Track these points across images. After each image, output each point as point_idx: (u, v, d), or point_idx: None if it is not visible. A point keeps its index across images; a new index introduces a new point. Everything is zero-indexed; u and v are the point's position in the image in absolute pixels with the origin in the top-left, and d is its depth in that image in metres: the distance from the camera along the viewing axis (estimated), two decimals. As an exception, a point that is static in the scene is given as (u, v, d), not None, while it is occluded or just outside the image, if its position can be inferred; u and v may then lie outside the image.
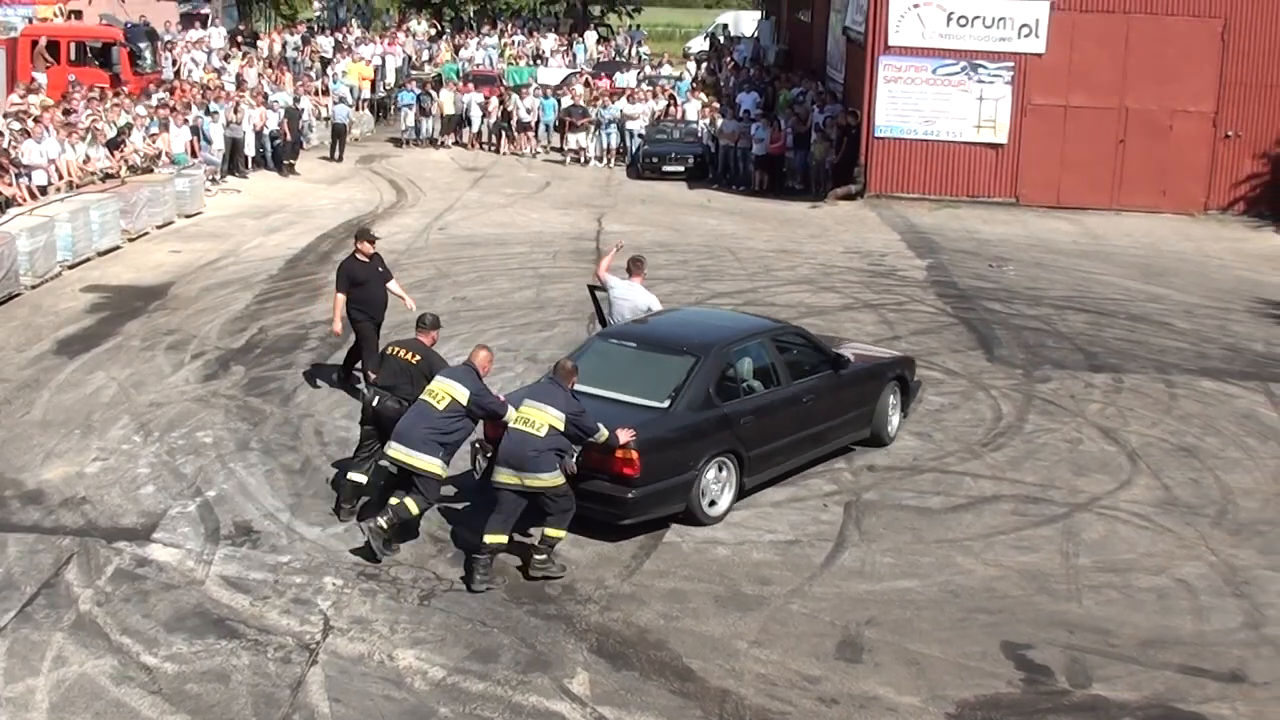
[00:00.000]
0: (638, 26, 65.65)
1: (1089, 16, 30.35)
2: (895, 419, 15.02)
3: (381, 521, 11.54)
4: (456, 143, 38.64)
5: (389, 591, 11.03)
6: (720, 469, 12.59)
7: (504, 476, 11.32)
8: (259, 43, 46.62)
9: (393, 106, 41.80)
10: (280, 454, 14.07)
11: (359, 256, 15.59)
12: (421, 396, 11.79)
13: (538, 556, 11.38)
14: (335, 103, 37.00)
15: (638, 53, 56.77)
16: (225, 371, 16.91)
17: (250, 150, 32.29)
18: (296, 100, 35.87)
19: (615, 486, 11.79)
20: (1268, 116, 30.46)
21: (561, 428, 11.29)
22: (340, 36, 48.21)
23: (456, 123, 38.74)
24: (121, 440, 14.39)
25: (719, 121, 35.61)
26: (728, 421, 12.63)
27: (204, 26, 47.20)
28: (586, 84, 40.07)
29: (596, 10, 68.97)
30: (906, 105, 31.05)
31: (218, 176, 30.52)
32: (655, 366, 12.80)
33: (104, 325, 19.06)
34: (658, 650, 10.22)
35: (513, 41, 52.62)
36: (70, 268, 22.19)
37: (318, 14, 60.41)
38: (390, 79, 44.63)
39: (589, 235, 26.59)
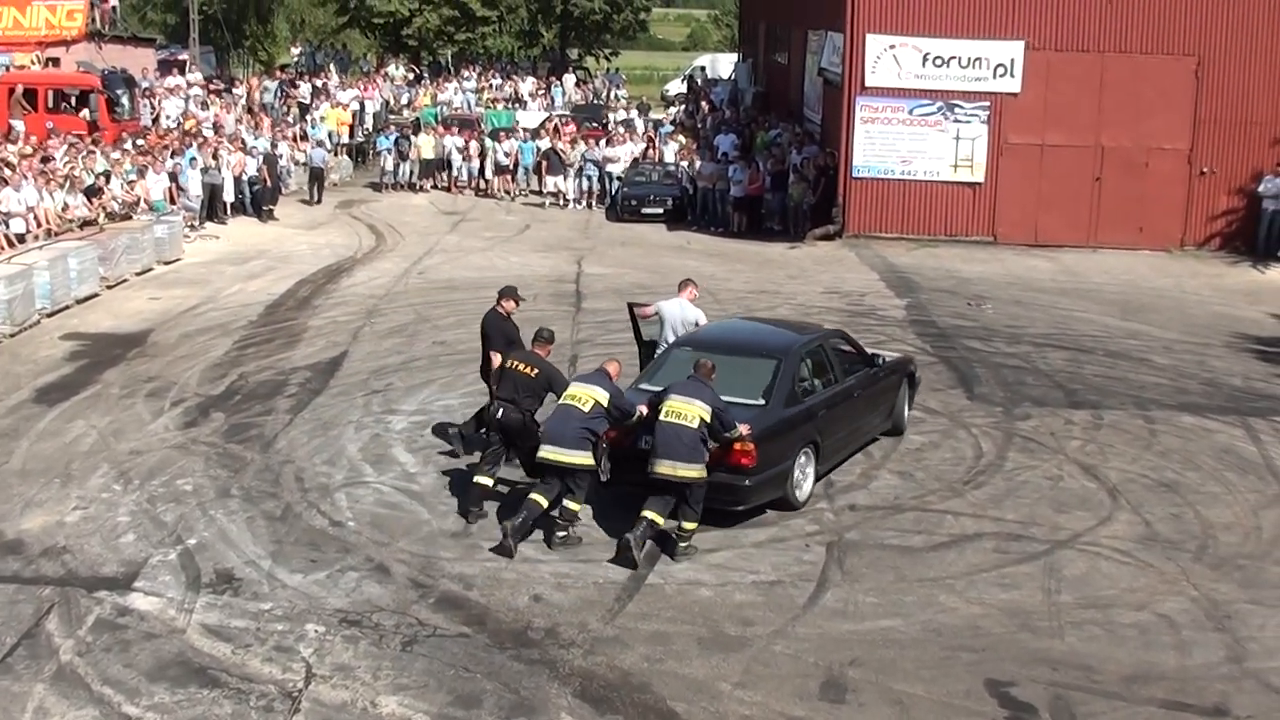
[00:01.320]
0: (616, 69, 65.96)
1: (1064, 56, 30.62)
2: (906, 410, 16.71)
3: (518, 521, 12.72)
4: (435, 186, 38.78)
5: (371, 638, 11.02)
6: (805, 457, 14.01)
7: (662, 468, 12.62)
8: (236, 89, 46.77)
9: (371, 151, 41.92)
10: (261, 501, 14.06)
11: (501, 311, 15.40)
12: (564, 401, 13.09)
13: (681, 544, 12.74)
14: (313, 146, 37.12)
15: (616, 95, 57.04)
16: (205, 418, 16.91)
17: (229, 196, 32.36)
18: (274, 146, 35.97)
19: (733, 476, 13.12)
20: (1242, 153, 30.70)
21: (710, 420, 12.67)
22: (318, 82, 48.39)
23: (436, 166, 38.88)
24: (101, 489, 14.37)
25: (697, 163, 35.81)
26: (809, 415, 14.19)
27: (182, 73, 47.34)
28: (555, 130, 40.23)
29: (574, 53, 69.33)
30: (884, 145, 31.23)
31: (196, 223, 30.57)
32: (740, 369, 14.01)
33: (83, 373, 19.05)
34: (641, 693, 10.22)
35: (490, 85, 52.87)
36: (49, 315, 22.19)
37: (295, 60, 60.60)
38: (369, 123, 44.78)
39: (569, 278, 26.67)
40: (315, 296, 24.52)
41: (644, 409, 13.18)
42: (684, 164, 36.65)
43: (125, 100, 37.25)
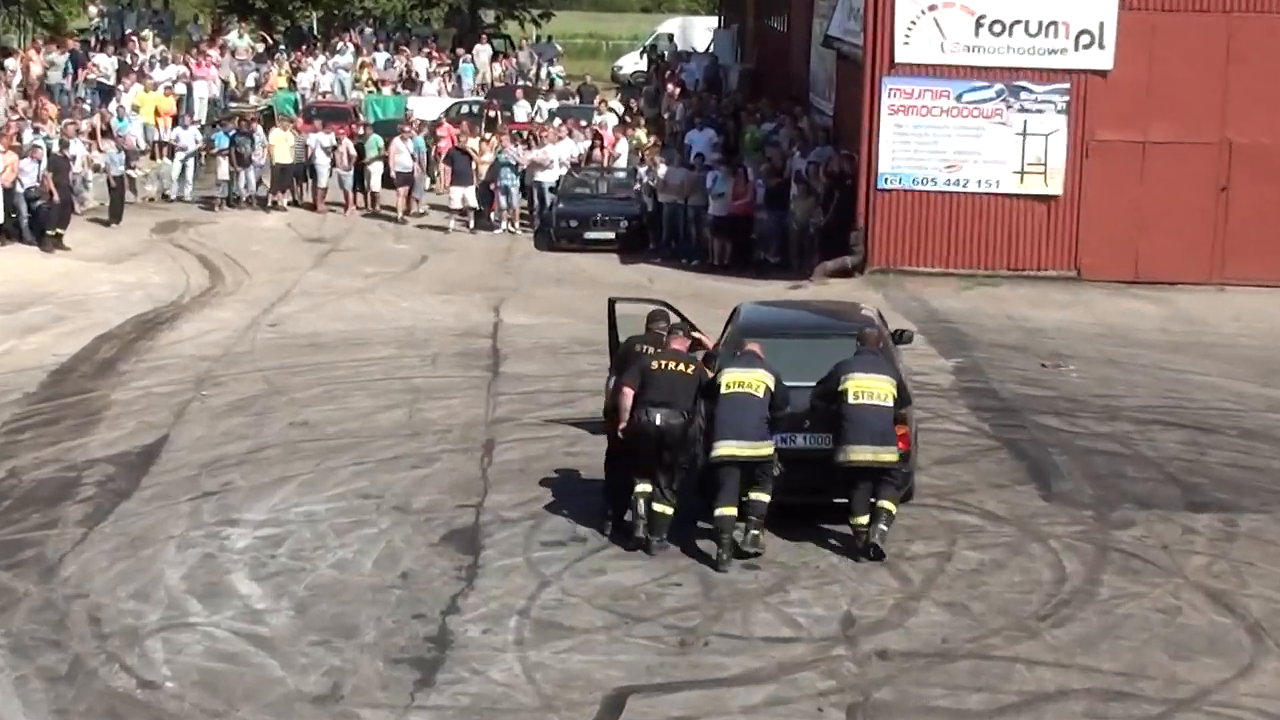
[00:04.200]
0: (548, 39, 66.30)
1: (1174, 18, 30.89)
2: None
3: (726, 543, 15.65)
4: (295, 202, 38.74)
5: None
6: None
7: (861, 455, 15.69)
8: (7, 64, 46.63)
9: (204, 153, 41.88)
10: (38, 653, 13.82)
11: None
12: (735, 391, 15.81)
13: (881, 527, 15.76)
14: (117, 149, 36.96)
15: (548, 74, 57.31)
16: (-42, 534, 16.72)
17: (-1, 215, 32.21)
18: (64, 145, 35.80)
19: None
20: None
21: (896, 394, 15.86)
22: (128, 55, 48.39)
23: (295, 175, 38.85)
24: None
25: (661, 169, 35.83)
26: None
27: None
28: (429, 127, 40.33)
29: (490, 17, 69.61)
30: (921, 145, 31.41)
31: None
32: (827, 351, 16.94)
33: None
34: None
35: (372, 61, 53.04)
36: None
37: (94, 24, 60.62)
38: (200, 114, 44.74)
39: (482, 330, 26.66)
40: (122, 358, 24.38)
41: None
42: (643, 171, 36.72)
43: None
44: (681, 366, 16.17)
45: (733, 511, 15.55)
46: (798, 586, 15.24)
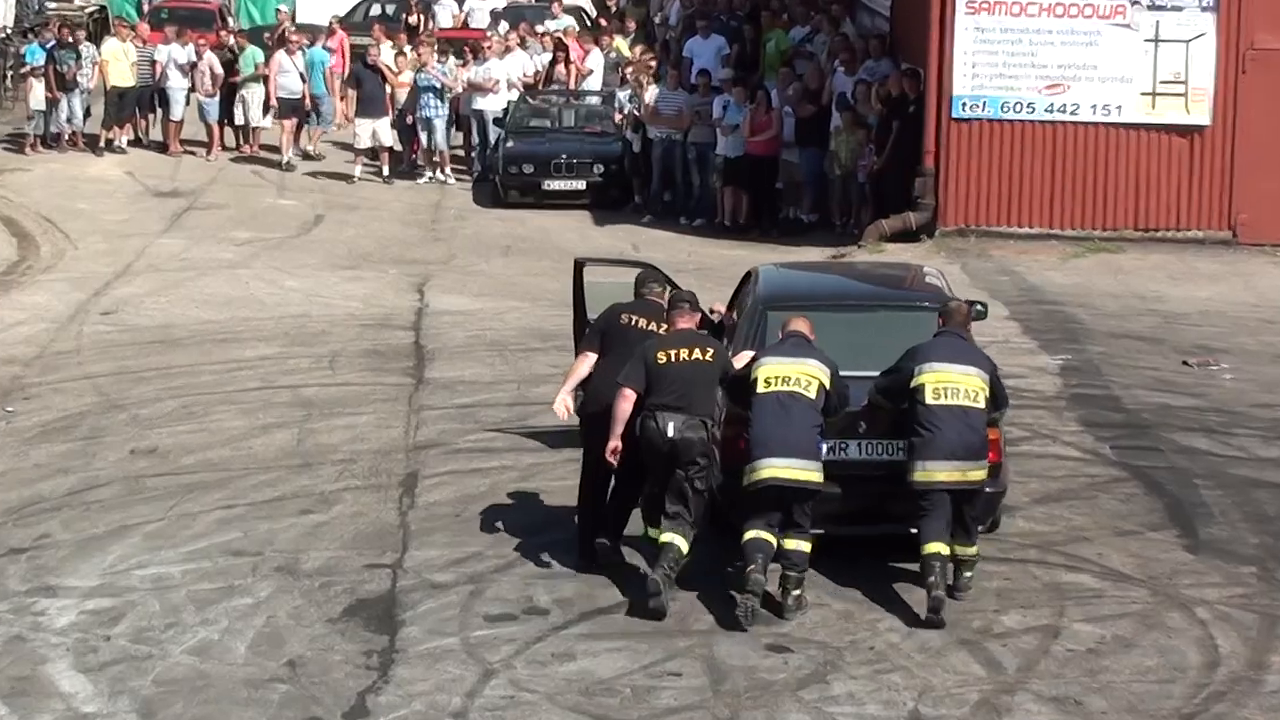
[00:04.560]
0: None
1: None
2: None
3: (751, 575, 15.85)
4: (139, 140, 38.69)
5: None
6: None
7: (946, 473, 16.21)
8: None
9: (11, 73, 41.83)
10: None
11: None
12: (779, 390, 16.21)
13: (965, 574, 16.71)
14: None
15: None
16: None
17: None
18: None
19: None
20: None
21: (989, 392, 16.61)
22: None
23: (138, 103, 38.78)
24: None
25: (651, 93, 35.74)
26: None
27: None
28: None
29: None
30: (1013, 57, 31.46)
31: None
32: (896, 327, 17.86)
33: None
34: None
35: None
36: None
37: None
38: (4, 19, 44.75)
39: (400, 320, 26.78)
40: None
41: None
42: (624, 95, 36.65)
43: None
44: (698, 354, 16.47)
45: (767, 536, 15.91)
46: (843, 675, 15.14)
